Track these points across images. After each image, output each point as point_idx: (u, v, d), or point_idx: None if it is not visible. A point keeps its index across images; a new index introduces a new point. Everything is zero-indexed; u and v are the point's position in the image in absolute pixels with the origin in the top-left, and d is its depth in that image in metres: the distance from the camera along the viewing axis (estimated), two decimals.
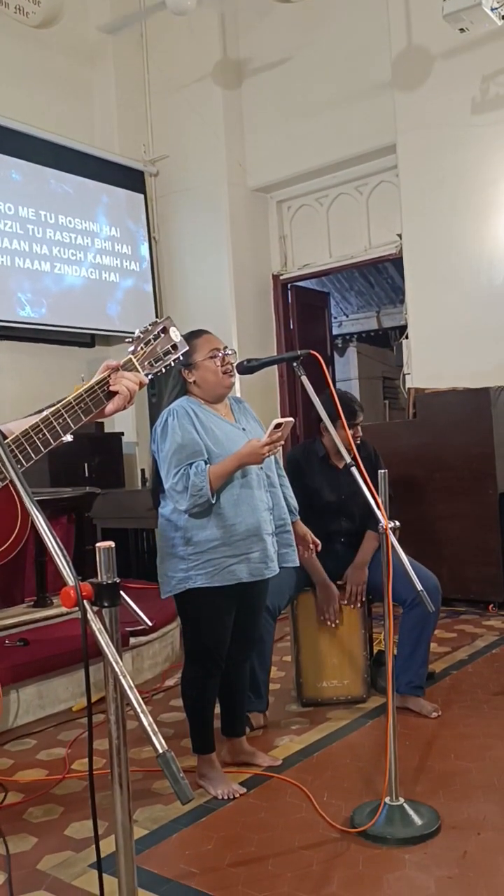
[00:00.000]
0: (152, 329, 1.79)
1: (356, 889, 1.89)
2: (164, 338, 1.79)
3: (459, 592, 4.63)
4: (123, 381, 1.69)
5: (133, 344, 1.77)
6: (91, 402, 1.69)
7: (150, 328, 1.79)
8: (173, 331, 1.80)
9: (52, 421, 1.64)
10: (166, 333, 1.80)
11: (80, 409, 1.67)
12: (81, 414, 1.67)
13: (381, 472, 2.33)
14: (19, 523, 1.73)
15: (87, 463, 5.72)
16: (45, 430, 1.63)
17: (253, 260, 6.62)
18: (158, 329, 1.79)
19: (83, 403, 1.67)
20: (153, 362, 1.78)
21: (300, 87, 6.17)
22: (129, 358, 1.76)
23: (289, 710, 3.19)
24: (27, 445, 1.62)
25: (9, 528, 1.72)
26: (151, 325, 1.80)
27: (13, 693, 3.21)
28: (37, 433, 1.63)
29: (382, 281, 9.35)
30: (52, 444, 1.64)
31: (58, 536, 1.19)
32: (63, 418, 1.65)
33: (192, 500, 2.35)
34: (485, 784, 2.41)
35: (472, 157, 5.22)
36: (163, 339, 1.79)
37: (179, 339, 1.80)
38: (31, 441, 1.62)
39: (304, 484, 3.19)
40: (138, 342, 1.78)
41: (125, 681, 1.07)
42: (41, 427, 1.63)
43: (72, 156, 6.16)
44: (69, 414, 1.66)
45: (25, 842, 2.24)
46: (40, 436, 1.63)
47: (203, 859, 2.08)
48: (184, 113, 6.56)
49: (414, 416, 5.03)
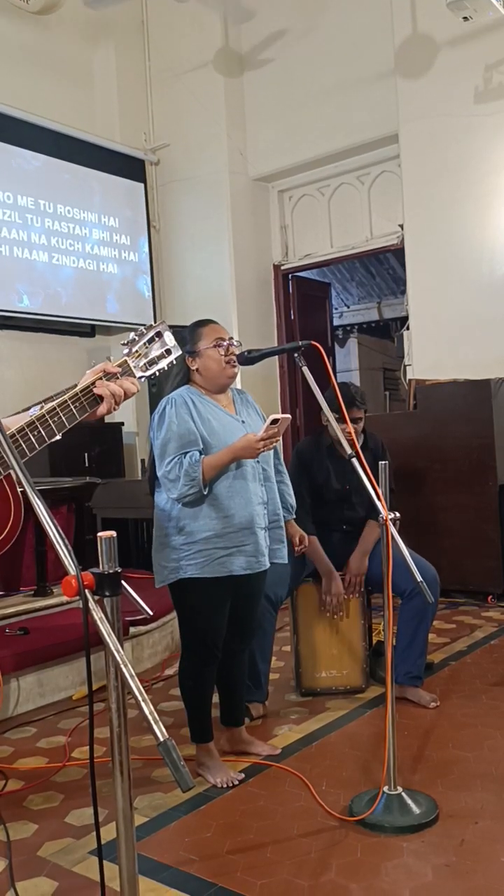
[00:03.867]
0: (147, 332, 1.84)
1: (354, 876, 1.91)
2: (159, 342, 1.84)
3: (458, 583, 4.64)
4: (109, 385, 1.74)
5: (128, 346, 1.82)
6: (86, 402, 1.74)
7: (146, 331, 1.84)
8: (168, 335, 1.86)
9: (48, 418, 1.68)
10: (161, 338, 1.85)
11: (76, 408, 1.72)
12: (76, 413, 1.72)
13: (381, 464, 2.33)
14: (12, 517, 1.74)
15: (87, 453, 5.72)
16: (41, 427, 1.68)
17: (254, 250, 6.60)
18: (153, 333, 1.84)
19: (78, 403, 1.73)
20: (147, 365, 1.83)
21: (302, 75, 6.14)
22: (124, 360, 1.81)
23: (288, 700, 3.21)
24: (22, 442, 1.66)
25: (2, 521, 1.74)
26: (147, 328, 1.85)
27: (13, 681, 3.23)
28: (32, 430, 1.67)
29: (383, 271, 9.33)
30: (46, 440, 1.69)
31: (58, 526, 1.20)
32: (58, 416, 1.70)
33: (183, 490, 2.35)
34: (482, 773, 2.42)
35: (474, 147, 5.19)
36: (157, 344, 1.83)
37: (173, 344, 1.87)
38: (27, 437, 1.66)
39: (311, 477, 3.20)
40: (133, 345, 1.82)
41: (126, 669, 1.07)
42: (36, 424, 1.67)
43: (72, 144, 6.13)
44: (64, 412, 1.71)
45: (26, 828, 2.26)
46: (35, 433, 1.67)
47: (202, 846, 2.09)
48: (185, 101, 6.53)
49: (414, 408, 5.03)
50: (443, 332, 5.36)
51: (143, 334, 1.83)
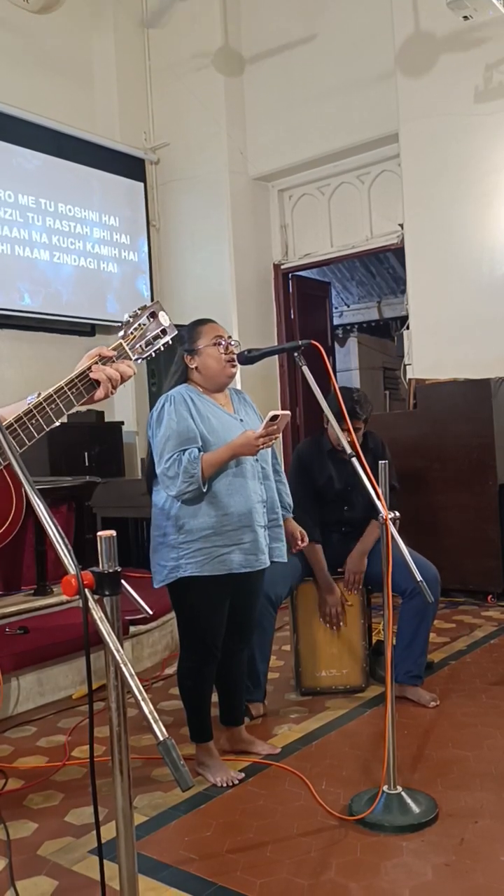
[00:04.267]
0: (141, 313, 1.81)
1: (354, 875, 1.91)
2: (154, 322, 1.81)
3: (458, 583, 4.64)
4: (105, 370, 1.72)
5: (123, 329, 1.79)
6: (83, 387, 1.71)
7: (140, 312, 1.81)
8: (162, 315, 1.82)
9: (45, 406, 1.66)
10: (155, 318, 1.81)
11: (73, 394, 1.70)
12: (74, 399, 1.70)
13: (381, 463, 2.33)
14: (14, 508, 1.73)
15: (87, 452, 5.72)
16: (38, 415, 1.66)
17: (254, 249, 6.60)
18: (147, 314, 1.81)
19: (75, 388, 1.70)
20: (143, 347, 1.80)
21: (302, 74, 6.13)
22: (119, 343, 1.78)
23: (288, 699, 3.21)
24: (20, 431, 1.64)
25: (4, 514, 1.73)
26: (140, 309, 1.82)
27: (13, 680, 3.23)
28: (30, 418, 1.65)
29: (384, 271, 9.32)
30: (45, 428, 1.67)
31: (58, 525, 1.19)
32: (56, 403, 1.68)
33: (182, 487, 2.35)
34: (482, 772, 2.42)
35: (474, 146, 5.19)
36: (152, 324, 1.80)
37: (168, 324, 1.82)
38: (25, 426, 1.64)
39: (311, 479, 3.19)
40: (128, 327, 1.79)
41: (126, 669, 1.07)
42: (34, 412, 1.65)
43: (72, 143, 6.13)
44: (61, 399, 1.69)
45: (26, 827, 2.26)
46: (33, 421, 1.65)
47: (202, 845, 2.09)
48: (185, 100, 6.52)
49: (414, 407, 5.03)
50: (443, 332, 5.36)
51: (137, 315, 1.80)
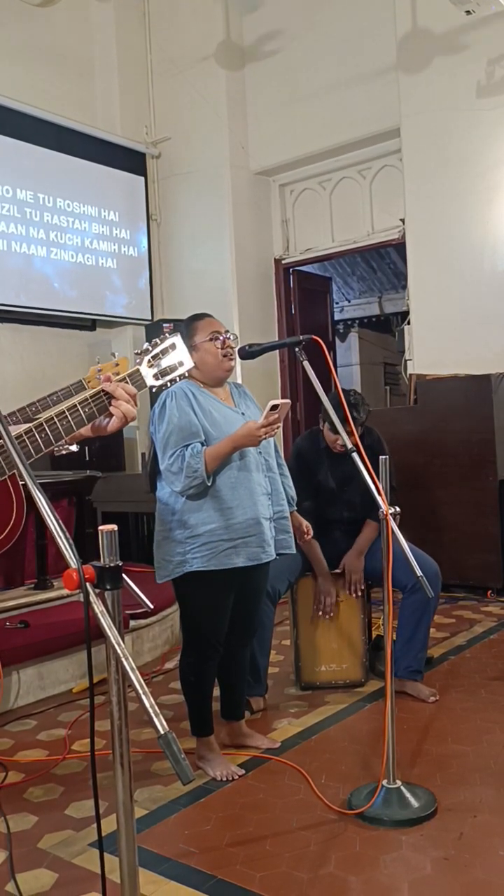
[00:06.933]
0: (161, 343, 1.83)
1: (353, 869, 1.91)
2: (173, 353, 1.83)
3: (458, 578, 4.65)
4: (123, 405, 1.74)
5: (141, 356, 1.81)
6: (96, 408, 1.73)
7: (159, 342, 1.84)
8: (181, 348, 1.84)
9: (56, 421, 1.68)
10: (175, 349, 1.84)
11: (85, 414, 1.72)
12: (85, 418, 1.71)
13: (381, 458, 2.33)
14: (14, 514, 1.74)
15: (87, 446, 5.72)
16: (48, 428, 1.68)
17: (254, 244, 6.59)
18: (167, 344, 1.83)
19: (87, 407, 1.73)
20: (159, 376, 1.82)
21: (304, 69, 6.11)
22: (136, 369, 1.80)
23: (287, 694, 3.21)
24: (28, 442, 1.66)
25: (5, 520, 1.74)
26: (160, 338, 1.84)
27: (14, 674, 3.23)
28: (40, 432, 1.67)
29: (385, 266, 9.31)
30: (53, 443, 1.69)
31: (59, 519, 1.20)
32: (67, 420, 1.70)
33: (187, 482, 2.35)
34: (481, 767, 2.43)
35: (476, 141, 5.18)
36: (171, 355, 1.83)
37: (187, 357, 1.85)
38: (33, 438, 1.67)
39: (310, 473, 3.19)
40: (146, 354, 1.81)
41: (127, 662, 1.07)
42: (44, 426, 1.68)
43: (73, 137, 6.11)
44: (73, 416, 1.71)
45: (26, 820, 2.27)
46: (42, 435, 1.68)
47: (202, 839, 2.10)
48: (186, 94, 6.51)
49: (415, 403, 5.03)
50: (444, 327, 5.35)
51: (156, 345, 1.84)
